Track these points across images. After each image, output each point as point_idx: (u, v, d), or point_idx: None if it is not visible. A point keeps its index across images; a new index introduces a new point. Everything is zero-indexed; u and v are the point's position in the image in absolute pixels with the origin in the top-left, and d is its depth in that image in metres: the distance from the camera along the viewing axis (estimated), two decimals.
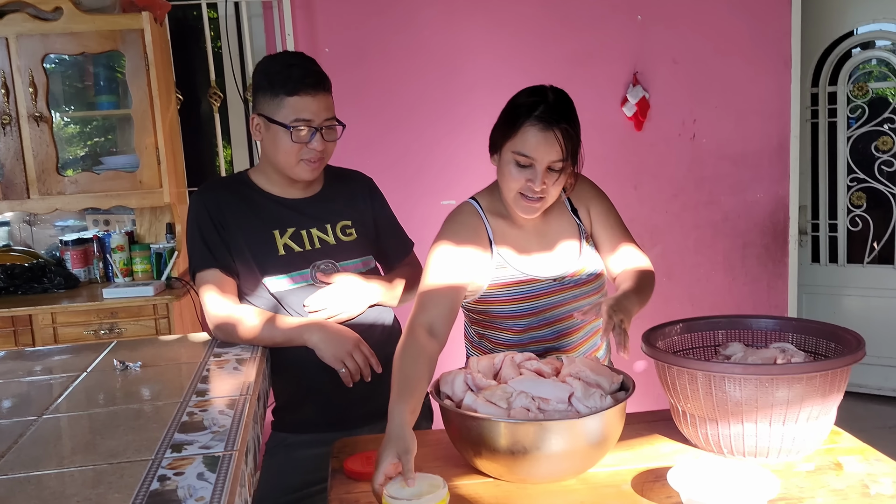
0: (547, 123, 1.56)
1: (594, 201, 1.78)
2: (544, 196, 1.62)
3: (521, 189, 1.61)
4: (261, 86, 1.73)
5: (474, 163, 3.38)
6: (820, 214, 4.25)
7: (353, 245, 1.85)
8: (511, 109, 1.63)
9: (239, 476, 1.04)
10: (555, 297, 1.71)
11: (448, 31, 3.40)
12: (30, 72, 2.96)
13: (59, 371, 1.64)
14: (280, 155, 1.73)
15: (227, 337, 1.75)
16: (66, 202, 3.07)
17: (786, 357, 1.47)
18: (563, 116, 1.57)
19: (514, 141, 1.59)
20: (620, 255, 1.75)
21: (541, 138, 1.56)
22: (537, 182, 1.58)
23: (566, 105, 1.60)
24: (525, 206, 1.63)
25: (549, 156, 1.57)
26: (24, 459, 1.13)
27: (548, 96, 1.59)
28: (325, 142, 1.74)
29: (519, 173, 1.60)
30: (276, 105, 1.70)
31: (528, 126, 1.57)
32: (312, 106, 1.70)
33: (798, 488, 1.29)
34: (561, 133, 1.56)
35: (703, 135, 3.58)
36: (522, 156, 1.58)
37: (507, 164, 1.62)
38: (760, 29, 3.53)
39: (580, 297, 1.72)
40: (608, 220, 1.77)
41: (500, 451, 1.29)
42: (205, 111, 3.73)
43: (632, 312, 1.54)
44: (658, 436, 1.53)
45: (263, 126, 1.74)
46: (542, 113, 1.56)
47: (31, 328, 2.86)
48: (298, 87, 1.68)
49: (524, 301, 1.70)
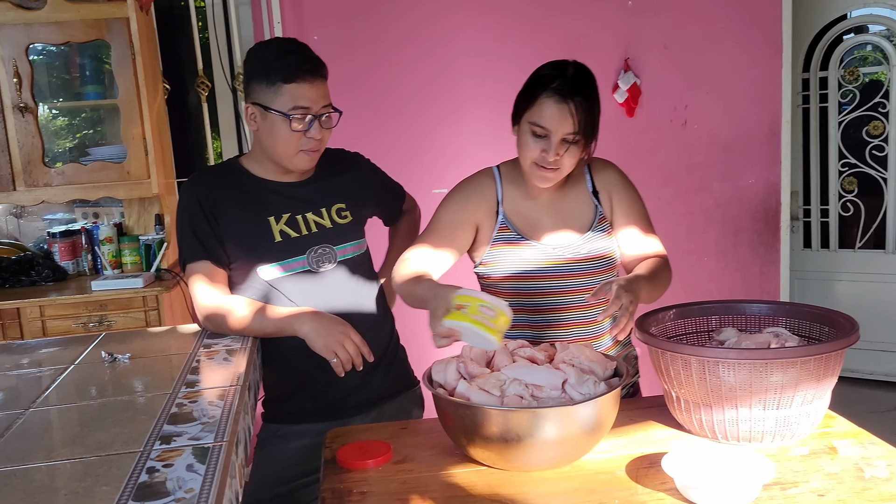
0: (562, 96, 1.60)
1: (618, 189, 1.79)
2: (558, 167, 1.66)
3: (535, 159, 1.65)
4: (255, 74, 1.69)
5: (465, 151, 3.37)
6: (811, 200, 4.25)
7: (348, 227, 1.83)
8: (531, 81, 1.67)
9: (229, 467, 1.03)
10: (549, 268, 1.72)
11: (437, 18, 3.37)
12: (14, 62, 2.92)
13: (47, 364, 1.62)
14: (279, 145, 1.70)
15: (217, 328, 1.73)
16: (53, 194, 3.04)
17: (780, 342, 1.46)
18: (578, 90, 1.61)
19: (532, 112, 1.64)
20: (637, 246, 1.77)
21: (556, 110, 1.61)
22: (551, 153, 1.63)
23: (584, 79, 1.65)
24: (540, 175, 1.67)
25: (563, 127, 1.61)
26: (11, 453, 1.11)
27: (567, 70, 1.64)
28: (323, 130, 1.72)
29: (535, 143, 1.64)
30: (273, 93, 1.66)
31: (545, 98, 1.62)
32: (310, 93, 1.67)
33: (793, 472, 1.29)
34: (575, 106, 1.60)
35: (694, 121, 3.56)
36: (538, 126, 1.63)
37: (524, 133, 1.66)
38: (751, 14, 3.51)
39: (577, 272, 1.72)
40: (631, 211, 1.78)
41: (493, 439, 1.28)
42: (193, 101, 3.70)
43: (640, 296, 1.55)
44: (652, 422, 1.53)
45: (259, 115, 1.70)
46: (558, 85, 1.61)
47: (20, 321, 2.84)
48: (296, 73, 1.65)
49: (519, 264, 1.72)
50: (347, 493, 1.29)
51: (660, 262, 1.73)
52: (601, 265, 1.74)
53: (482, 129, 3.37)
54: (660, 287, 1.68)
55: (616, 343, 1.77)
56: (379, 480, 1.33)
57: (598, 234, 1.75)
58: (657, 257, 1.74)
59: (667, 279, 1.73)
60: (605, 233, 1.76)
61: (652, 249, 1.77)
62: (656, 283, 1.66)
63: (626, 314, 1.47)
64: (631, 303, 1.49)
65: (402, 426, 1.61)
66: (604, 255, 1.75)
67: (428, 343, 1.46)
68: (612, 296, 1.49)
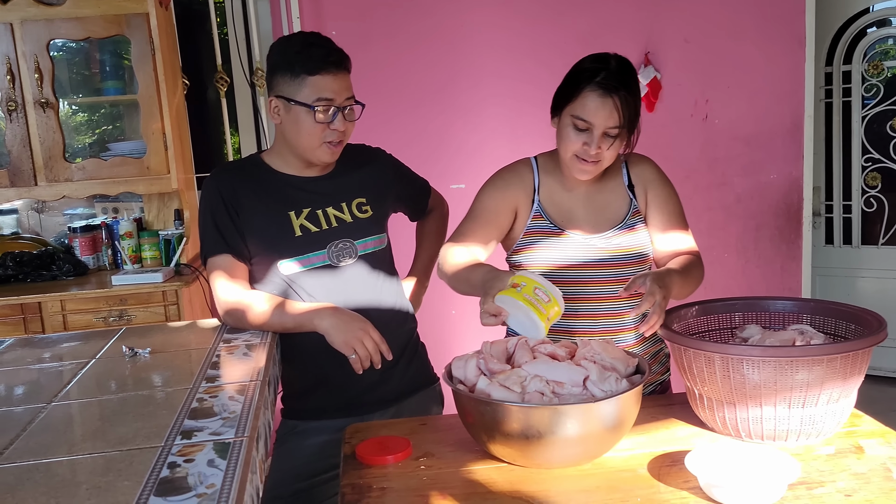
0: (606, 90, 1.60)
1: (654, 184, 1.79)
2: (599, 160, 1.66)
3: (577, 151, 1.66)
4: (279, 67, 1.69)
5: (484, 147, 3.36)
6: (834, 195, 4.20)
7: (368, 222, 1.83)
8: (573, 74, 1.67)
9: (250, 462, 1.02)
10: (581, 259, 1.72)
11: (455, 13, 3.35)
12: (35, 57, 2.94)
13: (68, 358, 1.63)
14: (303, 137, 1.70)
15: (237, 323, 1.73)
16: (74, 189, 3.06)
17: (805, 339, 1.44)
18: (622, 84, 1.61)
19: (574, 105, 1.63)
20: (670, 242, 1.76)
21: (599, 104, 1.61)
22: (593, 146, 1.63)
23: (627, 73, 1.64)
24: (580, 167, 1.68)
25: (606, 121, 1.61)
26: (33, 447, 1.11)
27: (610, 63, 1.63)
28: (346, 122, 1.72)
29: (576, 136, 1.64)
30: (298, 85, 1.67)
31: (588, 91, 1.61)
32: (334, 85, 1.68)
33: (819, 472, 1.27)
34: (620, 100, 1.60)
35: (715, 115, 3.53)
36: (581, 120, 1.63)
37: (565, 126, 1.66)
38: (774, 7, 3.47)
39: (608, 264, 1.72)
40: (666, 206, 1.78)
41: (514, 436, 1.27)
42: (211, 97, 3.71)
43: (672, 292, 1.55)
44: (674, 420, 1.51)
45: (283, 108, 1.70)
46: (602, 79, 1.60)
47: (41, 315, 2.86)
48: (321, 65, 1.66)
49: (551, 253, 1.72)
50: (367, 488, 1.29)
51: (692, 259, 1.71)
52: (633, 258, 1.73)
53: (500, 125, 3.36)
54: (691, 284, 1.67)
55: (642, 340, 1.76)
56: (399, 476, 1.33)
57: (632, 227, 1.75)
58: (690, 254, 1.73)
59: (698, 276, 1.71)
60: (639, 227, 1.76)
61: (685, 246, 1.76)
62: (688, 279, 1.65)
63: (658, 311, 1.47)
64: (664, 298, 1.48)
65: (421, 422, 1.60)
66: (636, 248, 1.74)
67: (447, 339, 1.45)
68: (646, 291, 1.49)
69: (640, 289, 1.53)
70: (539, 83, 3.31)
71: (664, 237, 1.76)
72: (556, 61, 3.20)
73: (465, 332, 3.01)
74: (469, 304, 1.71)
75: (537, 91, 3.24)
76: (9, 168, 3.00)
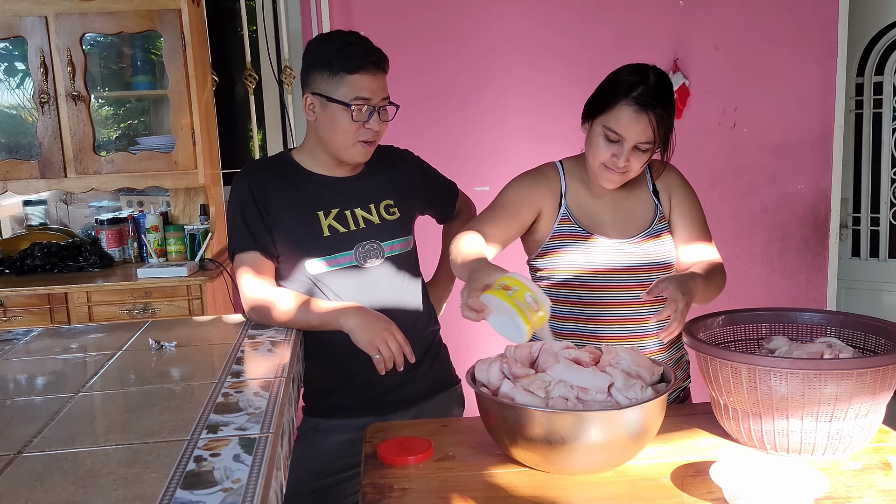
0: (642, 106, 1.58)
1: (678, 190, 1.79)
2: (627, 171, 1.65)
3: (605, 161, 1.65)
4: (317, 64, 1.70)
5: (510, 150, 3.35)
6: (862, 207, 4.14)
7: (396, 224, 1.83)
8: (611, 84, 1.65)
9: (275, 459, 1.03)
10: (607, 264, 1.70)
11: (485, 14, 3.35)
12: (68, 51, 2.97)
13: (94, 349, 1.64)
14: (337, 135, 1.71)
15: (263, 319, 1.74)
16: (102, 182, 3.09)
17: (833, 352, 1.42)
18: (659, 100, 1.59)
19: (608, 116, 1.62)
20: (692, 250, 1.75)
21: (634, 119, 1.59)
22: (622, 158, 1.62)
23: (665, 89, 1.62)
24: (607, 176, 1.67)
25: (638, 136, 1.60)
26: (61, 436, 1.13)
27: (649, 78, 1.61)
28: (381, 122, 1.73)
29: (606, 147, 1.63)
30: (336, 83, 1.67)
31: (624, 105, 1.60)
32: (372, 84, 1.68)
33: (846, 487, 1.25)
34: (655, 117, 1.59)
35: (743, 124, 3.50)
36: (613, 132, 1.62)
37: (597, 135, 1.65)
38: (806, 16, 3.43)
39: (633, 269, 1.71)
40: (689, 212, 1.78)
41: (536, 441, 1.27)
42: (239, 93, 3.73)
43: (695, 297, 1.54)
44: (698, 429, 1.50)
45: (319, 105, 1.71)
46: (640, 94, 1.59)
47: (67, 306, 2.89)
48: (360, 64, 1.67)
49: (578, 257, 1.71)
50: (388, 488, 1.29)
51: (715, 265, 1.71)
52: (659, 265, 1.73)
53: (528, 127, 3.35)
54: (713, 289, 1.67)
55: (667, 346, 1.75)
56: (420, 477, 1.33)
57: (659, 234, 1.75)
58: (713, 261, 1.73)
59: (721, 283, 1.71)
60: (665, 234, 1.76)
61: (707, 254, 1.75)
62: (710, 284, 1.65)
63: (679, 318, 1.46)
64: (686, 305, 1.48)
65: (442, 424, 1.60)
66: (663, 255, 1.74)
67: (469, 342, 1.45)
68: (669, 296, 1.48)
69: (661, 293, 1.53)
70: (567, 91, 3.32)
71: (686, 244, 1.76)
72: (585, 69, 3.19)
73: (487, 334, 2.98)
74: None
75: (564, 98, 3.25)
76: (40, 160, 3.04)
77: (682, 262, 1.76)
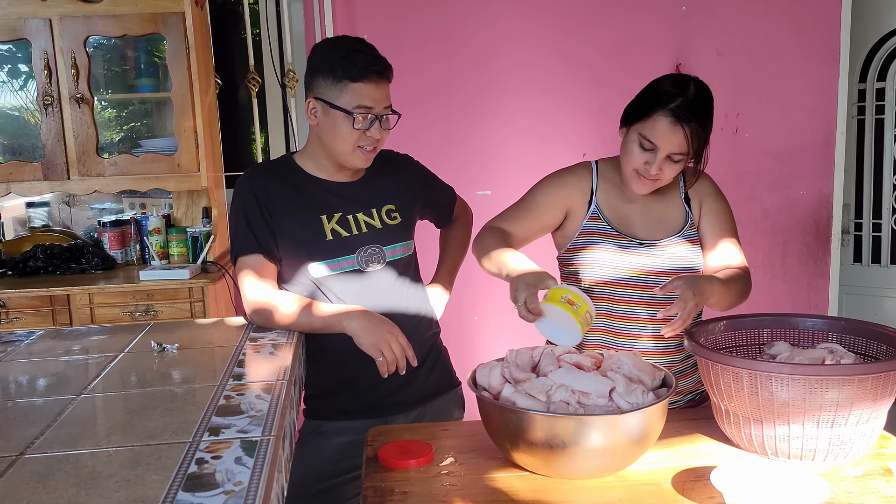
0: (678, 118, 1.59)
1: (710, 198, 1.80)
2: (658, 179, 1.66)
3: (638, 168, 1.66)
4: (321, 69, 1.70)
5: (511, 154, 3.35)
6: (864, 213, 4.14)
7: (397, 229, 1.84)
8: (651, 93, 1.66)
9: (276, 461, 1.03)
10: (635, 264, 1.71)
11: (488, 18, 3.35)
12: (72, 53, 2.98)
13: (96, 351, 1.65)
14: (338, 141, 1.71)
15: (265, 322, 1.74)
16: (105, 184, 3.10)
17: (835, 358, 1.42)
18: (696, 115, 1.60)
19: (644, 124, 1.63)
20: (720, 257, 1.76)
21: (669, 130, 1.60)
22: (654, 167, 1.64)
23: (704, 103, 1.63)
24: (639, 182, 1.68)
25: (672, 147, 1.61)
26: (63, 438, 1.13)
27: (689, 90, 1.61)
28: (382, 130, 1.73)
29: (640, 154, 1.65)
30: (339, 90, 1.67)
31: (661, 115, 1.60)
32: (375, 93, 1.68)
33: (846, 493, 1.25)
34: (690, 130, 1.60)
35: (745, 129, 3.50)
36: (647, 140, 1.63)
37: (632, 142, 1.67)
38: (809, 22, 3.44)
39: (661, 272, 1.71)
40: (719, 220, 1.79)
41: (538, 445, 1.27)
42: (242, 96, 3.74)
43: (707, 298, 1.55)
44: (699, 434, 1.50)
45: (321, 110, 1.71)
46: (678, 106, 1.59)
47: (69, 308, 2.89)
48: (364, 73, 1.67)
49: (606, 255, 1.72)
50: (389, 492, 1.29)
51: (739, 273, 1.71)
52: (685, 269, 1.73)
53: (530, 130, 3.35)
54: (733, 295, 1.67)
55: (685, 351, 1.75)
56: (421, 481, 1.33)
57: (687, 239, 1.75)
58: (738, 269, 1.73)
59: (743, 291, 1.71)
60: (694, 239, 1.76)
61: (735, 261, 1.76)
62: (730, 290, 1.65)
63: (685, 316, 1.48)
64: (696, 306, 1.49)
65: (443, 427, 1.60)
66: (689, 260, 1.74)
67: (469, 345, 1.45)
68: (680, 294, 1.50)
69: (674, 290, 1.54)
70: (569, 93, 3.32)
71: (715, 250, 1.77)
72: (587, 72, 3.18)
73: (487, 337, 3.02)
74: (490, 311, 1.72)
75: (566, 101, 3.26)
76: (43, 161, 3.05)
77: (710, 268, 1.77)
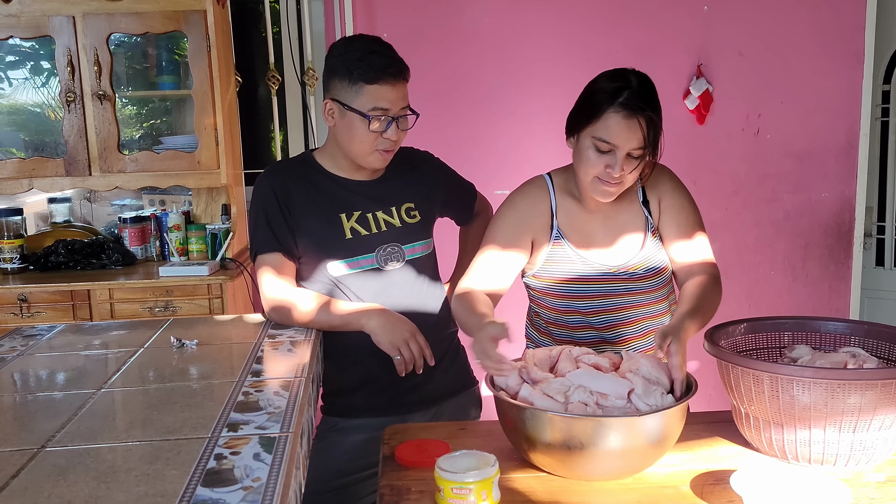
0: (631, 111, 1.53)
1: (668, 193, 1.73)
2: (622, 181, 1.60)
3: (599, 174, 1.59)
4: (337, 70, 1.69)
5: (530, 152, 3.34)
6: (886, 216, 4.10)
7: (416, 227, 1.83)
8: (592, 94, 1.59)
9: (294, 458, 1.03)
10: (607, 284, 1.70)
11: (509, 17, 3.35)
12: (95, 50, 3.00)
13: (115, 346, 1.66)
14: (354, 143, 1.71)
15: (283, 319, 1.75)
16: (126, 180, 3.12)
17: (857, 362, 1.40)
18: (647, 103, 1.54)
19: (596, 126, 1.56)
20: (684, 253, 1.70)
21: (623, 126, 1.53)
22: (616, 168, 1.56)
23: (650, 91, 1.57)
24: (602, 189, 1.61)
25: (630, 143, 1.55)
26: (84, 432, 1.14)
27: (631, 81, 1.55)
28: (399, 131, 1.71)
29: (598, 159, 1.58)
30: (355, 92, 1.66)
31: (611, 113, 1.54)
32: (391, 95, 1.67)
33: (868, 499, 1.24)
34: (645, 121, 1.53)
35: (767, 130, 3.47)
36: (603, 142, 1.56)
37: (586, 148, 1.59)
38: (833, 22, 3.40)
39: (635, 291, 1.70)
40: (679, 216, 1.71)
41: (555, 446, 1.26)
42: (262, 94, 3.76)
43: (684, 339, 1.42)
44: (718, 438, 1.49)
45: (338, 112, 1.71)
46: (625, 99, 1.53)
47: (89, 303, 2.92)
48: (379, 75, 1.65)
49: (576, 283, 1.69)
50: (406, 490, 1.29)
51: (705, 285, 1.61)
52: (656, 281, 1.72)
53: (549, 131, 3.33)
54: (709, 314, 1.58)
55: None
56: None
57: (651, 247, 1.71)
58: (704, 275, 1.64)
59: (715, 303, 1.61)
60: (658, 245, 1.72)
61: (700, 257, 1.69)
62: (704, 313, 1.55)
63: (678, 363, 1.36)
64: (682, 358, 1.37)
65: (460, 427, 1.60)
66: (658, 269, 1.71)
67: None
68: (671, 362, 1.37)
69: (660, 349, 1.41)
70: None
71: (678, 248, 1.71)
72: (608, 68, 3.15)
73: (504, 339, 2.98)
74: (508, 311, 1.71)
75: None
76: (65, 158, 3.07)
77: (676, 267, 1.72)
